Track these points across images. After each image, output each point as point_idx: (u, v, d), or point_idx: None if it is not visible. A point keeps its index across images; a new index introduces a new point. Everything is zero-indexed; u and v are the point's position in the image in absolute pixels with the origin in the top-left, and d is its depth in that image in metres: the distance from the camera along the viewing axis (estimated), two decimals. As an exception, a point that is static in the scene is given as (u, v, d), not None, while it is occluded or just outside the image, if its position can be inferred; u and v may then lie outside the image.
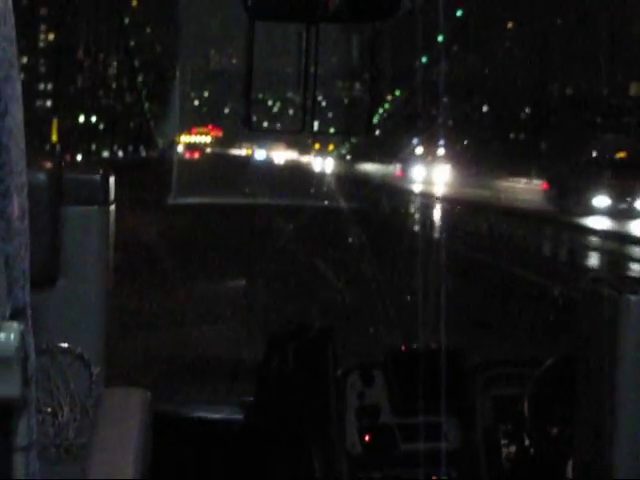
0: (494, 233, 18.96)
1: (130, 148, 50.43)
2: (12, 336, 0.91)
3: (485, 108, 50.19)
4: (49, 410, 1.73)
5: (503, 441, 3.28)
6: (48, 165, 1.71)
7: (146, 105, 53.29)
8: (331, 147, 56.92)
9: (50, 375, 1.76)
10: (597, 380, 2.10)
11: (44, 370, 1.75)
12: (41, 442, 1.70)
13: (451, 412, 3.35)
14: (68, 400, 1.75)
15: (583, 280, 2.15)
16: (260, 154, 59.84)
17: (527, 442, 3.11)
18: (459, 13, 47.65)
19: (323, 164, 52.16)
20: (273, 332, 3.41)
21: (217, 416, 3.45)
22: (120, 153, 48.38)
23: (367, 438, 3.30)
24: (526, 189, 31.82)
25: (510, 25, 50.30)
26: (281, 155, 59.09)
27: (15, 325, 0.92)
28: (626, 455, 2.05)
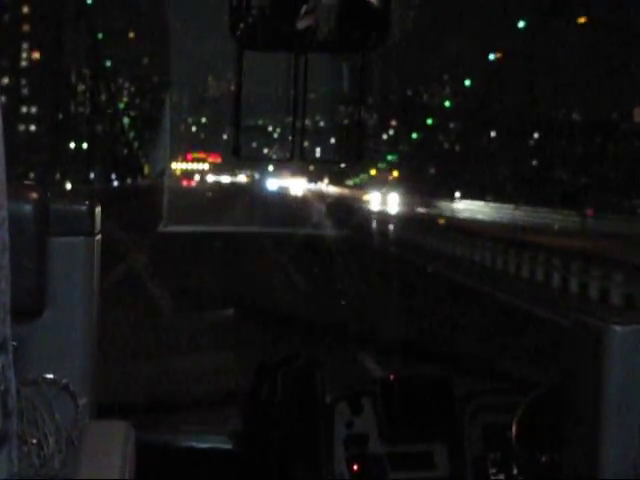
0: None
1: (91, 176, 44.99)
2: None
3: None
4: (34, 441, 1.73)
5: (492, 470, 3.28)
6: (34, 196, 1.71)
7: (125, 121, 50.76)
8: (395, 173, 50.46)
9: (35, 406, 1.76)
10: (583, 409, 2.11)
11: (30, 401, 1.74)
12: (26, 473, 1.69)
13: (440, 441, 3.34)
14: (54, 431, 1.74)
15: (570, 310, 2.15)
16: (272, 183, 52.23)
17: (515, 471, 3.11)
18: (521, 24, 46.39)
19: (385, 201, 42.76)
20: (261, 361, 3.40)
21: (204, 446, 3.44)
22: (68, 185, 41.46)
23: (355, 467, 3.29)
24: None
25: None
26: (296, 184, 51.98)
27: None
28: None
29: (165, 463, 3.33)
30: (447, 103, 54.50)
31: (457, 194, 44.31)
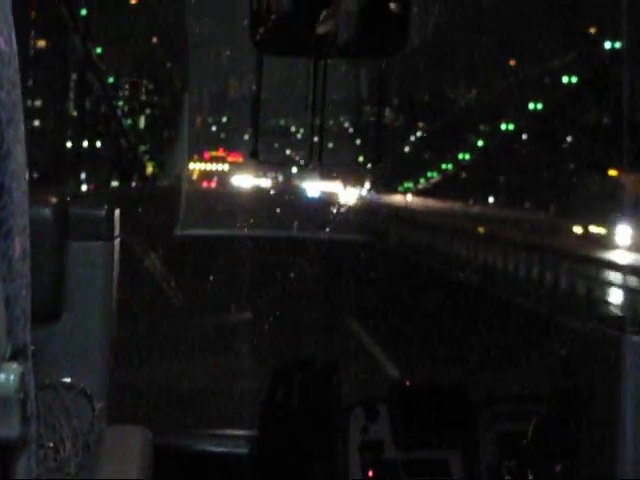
0: None
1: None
2: (12, 377, 0.91)
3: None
4: (51, 445, 1.73)
5: (507, 477, 3.27)
6: (53, 201, 1.72)
7: (128, 121, 47.46)
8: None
9: (52, 410, 1.76)
10: (601, 417, 2.10)
11: (47, 405, 1.75)
12: (43, 477, 1.70)
13: (455, 448, 3.34)
14: (70, 435, 1.75)
15: (589, 320, 2.15)
16: (312, 187, 40.50)
17: (530, 478, 3.10)
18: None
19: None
20: (278, 366, 3.40)
21: (221, 450, 3.44)
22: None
23: (371, 473, 3.28)
24: None
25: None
26: (342, 191, 41.03)
27: (15, 366, 0.92)
28: None
29: (181, 466, 3.34)
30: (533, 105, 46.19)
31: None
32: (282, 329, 10.56)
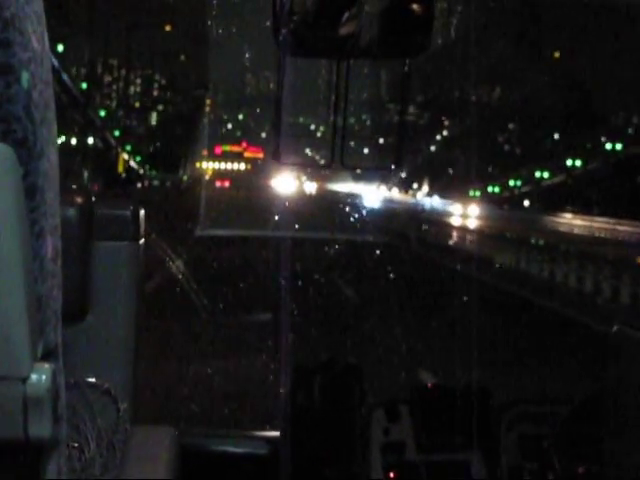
0: None
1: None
2: (44, 377, 0.92)
3: None
4: (76, 445, 1.74)
5: (527, 479, 3.26)
6: (79, 201, 1.72)
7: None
8: None
9: (77, 410, 1.77)
10: (626, 420, 2.09)
11: (71, 405, 1.75)
12: (68, 477, 1.70)
13: (476, 450, 3.33)
14: (95, 435, 1.75)
15: (613, 323, 2.14)
16: (366, 191, 30.37)
17: None
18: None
19: None
20: (299, 367, 3.40)
21: (241, 450, 3.44)
22: None
23: (392, 475, 3.28)
24: None
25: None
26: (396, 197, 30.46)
27: (47, 366, 0.93)
28: None
29: (201, 467, 3.34)
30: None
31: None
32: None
